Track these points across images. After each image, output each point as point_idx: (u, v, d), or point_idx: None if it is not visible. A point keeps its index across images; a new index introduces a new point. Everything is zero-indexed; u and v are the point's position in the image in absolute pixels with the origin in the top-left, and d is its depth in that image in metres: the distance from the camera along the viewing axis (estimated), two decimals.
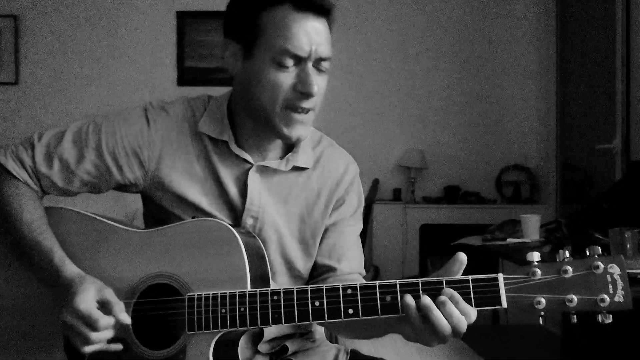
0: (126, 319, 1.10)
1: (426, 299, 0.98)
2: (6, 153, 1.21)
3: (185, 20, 4.79)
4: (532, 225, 2.75)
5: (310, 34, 1.13)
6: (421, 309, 0.98)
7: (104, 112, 1.27)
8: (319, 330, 1.39)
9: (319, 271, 1.30)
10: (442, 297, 0.98)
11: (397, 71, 4.86)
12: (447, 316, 0.97)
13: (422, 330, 0.99)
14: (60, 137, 1.21)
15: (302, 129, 1.18)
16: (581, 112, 4.34)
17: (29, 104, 4.76)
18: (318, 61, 1.15)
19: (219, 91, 1.34)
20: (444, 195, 4.76)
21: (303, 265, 1.28)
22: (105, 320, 1.07)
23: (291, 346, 1.29)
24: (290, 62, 1.13)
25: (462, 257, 1.02)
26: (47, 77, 4.78)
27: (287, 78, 1.13)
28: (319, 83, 1.16)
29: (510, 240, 2.81)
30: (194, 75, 4.76)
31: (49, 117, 4.67)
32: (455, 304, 0.98)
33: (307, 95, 1.14)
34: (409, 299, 1.00)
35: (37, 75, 4.79)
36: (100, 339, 1.08)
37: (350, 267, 1.29)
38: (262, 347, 1.25)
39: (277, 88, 1.14)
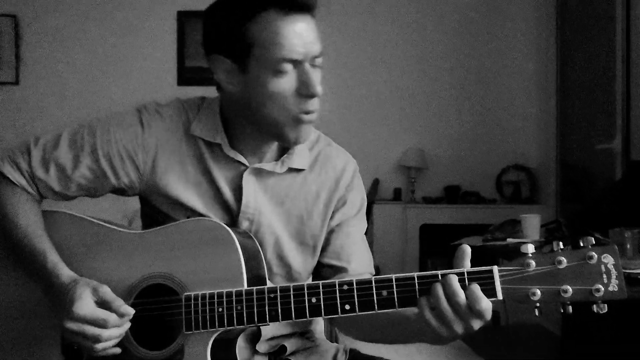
0: (129, 310, 1.10)
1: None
2: (3, 158, 1.21)
3: (186, 20, 4.79)
4: (532, 225, 2.75)
5: (301, 35, 1.11)
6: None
7: (99, 115, 1.26)
8: (319, 330, 1.39)
9: (329, 272, 1.29)
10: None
11: (397, 71, 4.86)
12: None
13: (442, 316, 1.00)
14: (57, 142, 1.21)
15: (309, 129, 1.19)
16: (581, 112, 4.34)
17: (30, 104, 4.76)
18: (312, 59, 1.14)
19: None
20: (444, 195, 4.76)
21: (302, 267, 1.28)
22: (113, 318, 1.08)
23: (290, 346, 1.28)
24: (288, 68, 1.12)
25: (466, 248, 1.03)
26: (47, 77, 4.78)
27: (288, 84, 1.12)
28: (318, 80, 1.15)
29: (510, 240, 2.80)
30: (194, 75, 4.76)
31: (49, 117, 4.66)
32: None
33: (313, 96, 1.14)
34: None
35: (38, 75, 4.78)
36: (113, 336, 1.08)
37: (361, 266, 1.29)
38: (261, 346, 1.25)
39: (281, 97, 1.13)
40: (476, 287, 0.98)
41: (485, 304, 0.98)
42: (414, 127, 4.86)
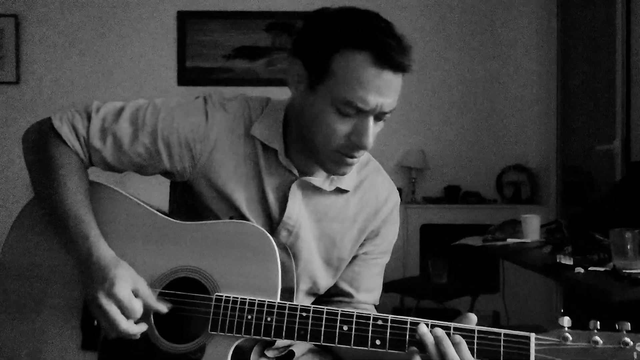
0: (163, 307, 1.11)
1: (439, 331, 1.01)
2: (62, 118, 1.20)
3: (186, 20, 4.79)
4: (532, 225, 2.75)
5: (380, 89, 1.07)
6: (436, 339, 1.00)
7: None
8: None
9: (333, 292, 1.29)
10: (458, 337, 1.00)
11: None
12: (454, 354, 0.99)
13: None
14: (118, 114, 1.19)
15: (349, 169, 1.17)
16: (581, 113, 4.34)
17: (30, 104, 4.76)
18: (381, 114, 1.11)
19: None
20: (445, 195, 4.76)
21: (325, 285, 1.27)
22: (139, 315, 1.09)
23: (297, 350, 1.28)
24: (352, 112, 1.09)
25: (473, 317, 1.05)
26: (48, 77, 4.78)
27: (344, 126, 1.10)
28: (375, 133, 1.12)
29: (510, 240, 2.81)
30: (195, 75, 4.76)
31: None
32: (459, 352, 1.00)
33: (360, 148, 1.11)
34: (424, 327, 1.02)
35: (39, 75, 4.78)
36: (134, 331, 1.08)
37: (366, 297, 1.30)
38: (270, 352, 1.24)
39: (332, 133, 1.11)
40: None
41: None
42: (415, 127, 4.86)
